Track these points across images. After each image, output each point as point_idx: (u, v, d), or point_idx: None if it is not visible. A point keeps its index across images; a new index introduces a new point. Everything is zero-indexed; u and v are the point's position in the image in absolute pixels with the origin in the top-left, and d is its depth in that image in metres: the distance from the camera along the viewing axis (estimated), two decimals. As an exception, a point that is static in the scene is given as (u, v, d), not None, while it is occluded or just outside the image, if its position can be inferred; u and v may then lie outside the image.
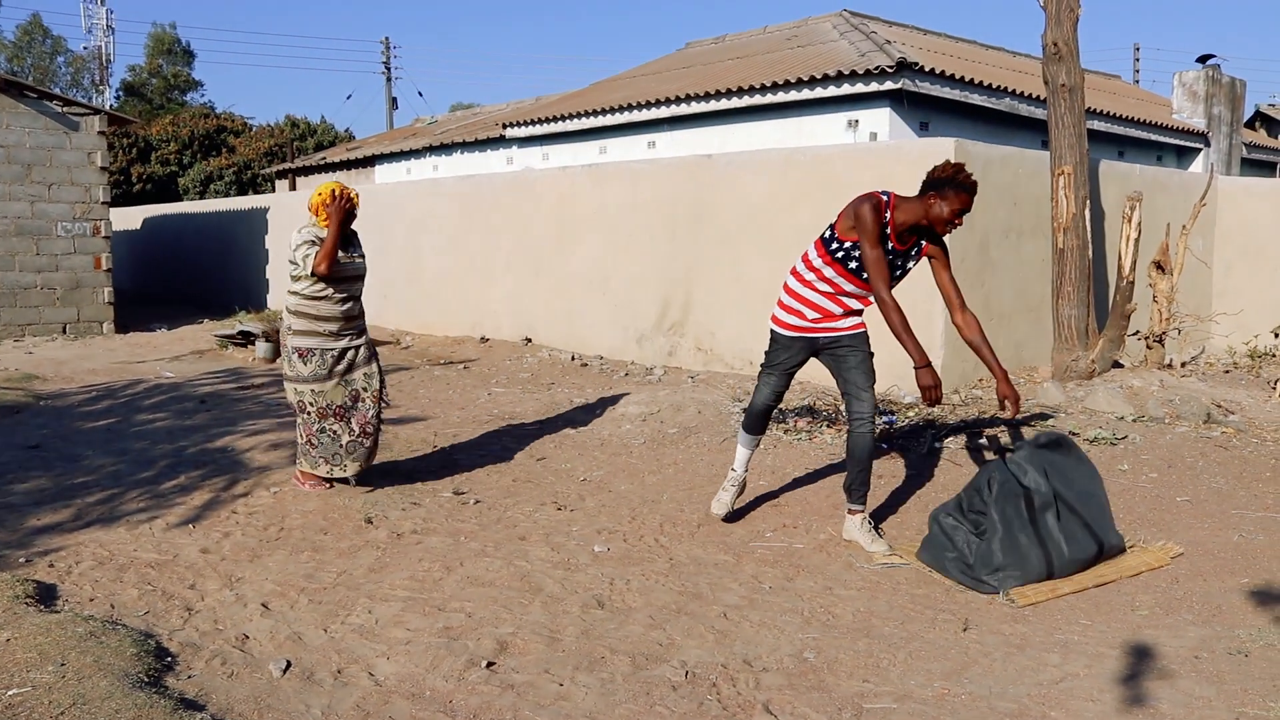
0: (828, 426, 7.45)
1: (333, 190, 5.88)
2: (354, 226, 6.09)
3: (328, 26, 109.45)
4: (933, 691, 3.53)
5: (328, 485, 6.05)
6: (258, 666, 3.73)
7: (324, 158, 27.91)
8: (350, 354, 5.99)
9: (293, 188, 27.96)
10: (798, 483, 6.18)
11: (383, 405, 6.14)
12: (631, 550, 5.05)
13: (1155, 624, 4.14)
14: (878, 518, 5.54)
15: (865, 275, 4.81)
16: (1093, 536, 4.66)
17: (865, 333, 5.06)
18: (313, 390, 5.89)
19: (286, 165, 29.14)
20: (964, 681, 3.60)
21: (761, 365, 5.28)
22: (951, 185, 4.68)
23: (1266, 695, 3.44)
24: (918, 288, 8.44)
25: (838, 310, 4.98)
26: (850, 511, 5.16)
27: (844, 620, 4.17)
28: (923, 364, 4.70)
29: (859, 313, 5.03)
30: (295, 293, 5.90)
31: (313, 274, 5.79)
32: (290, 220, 16.97)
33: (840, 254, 4.86)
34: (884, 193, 4.85)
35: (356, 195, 6.00)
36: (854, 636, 3.99)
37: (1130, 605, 4.35)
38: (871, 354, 5.05)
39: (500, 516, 5.63)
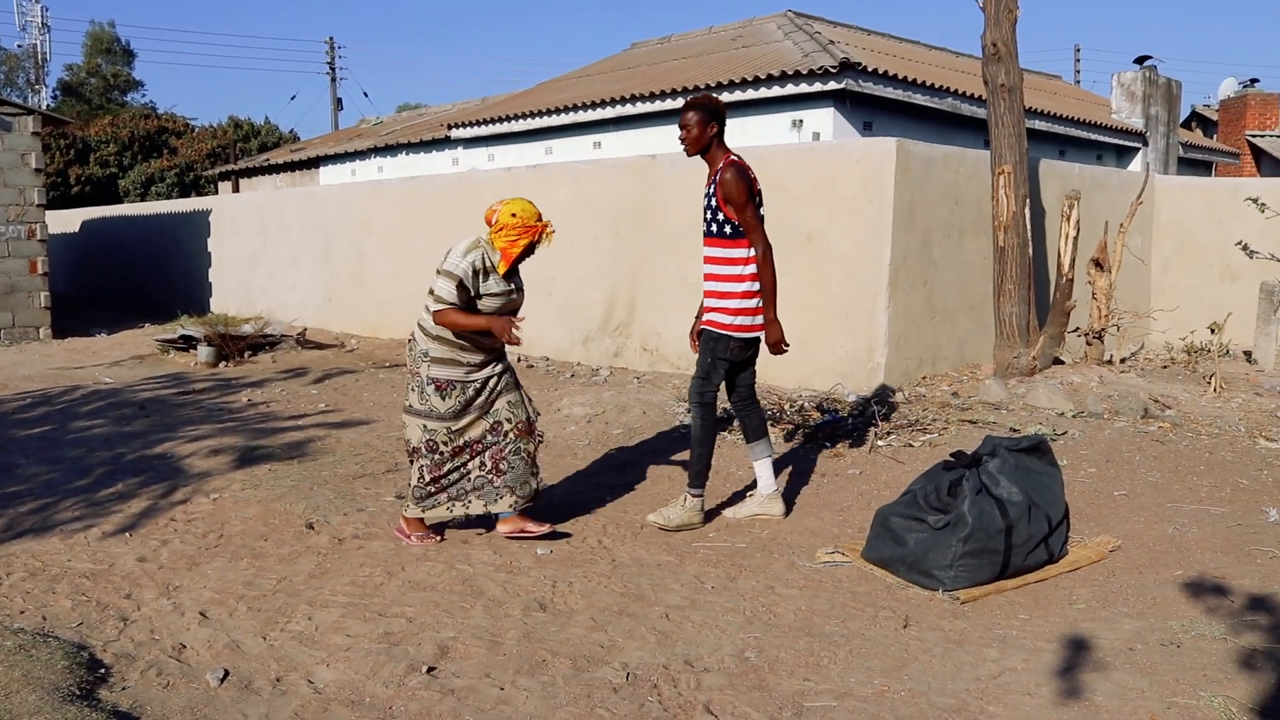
0: (771, 425, 7.47)
1: (538, 216, 5.07)
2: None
3: (271, 26, 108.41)
4: (873, 689, 3.54)
5: (438, 538, 5.24)
6: (195, 676, 3.68)
7: (268, 159, 27.62)
8: (493, 382, 5.11)
9: (236, 189, 27.64)
10: (742, 483, 6.19)
11: (536, 440, 5.24)
12: (574, 552, 5.04)
13: (1092, 617, 4.19)
14: (821, 515, 5.58)
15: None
16: (1047, 548, 4.70)
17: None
18: (448, 429, 5.02)
19: (230, 167, 28.79)
20: (904, 678, 3.62)
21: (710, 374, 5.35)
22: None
23: (1197, 685, 3.50)
24: (861, 287, 8.51)
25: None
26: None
27: (785, 619, 4.18)
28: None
29: None
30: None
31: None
32: (234, 223, 16.79)
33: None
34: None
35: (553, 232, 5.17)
36: (795, 635, 4.00)
37: (1068, 599, 4.40)
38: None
39: (443, 520, 5.59)
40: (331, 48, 43.54)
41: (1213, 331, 9.26)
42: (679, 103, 15.36)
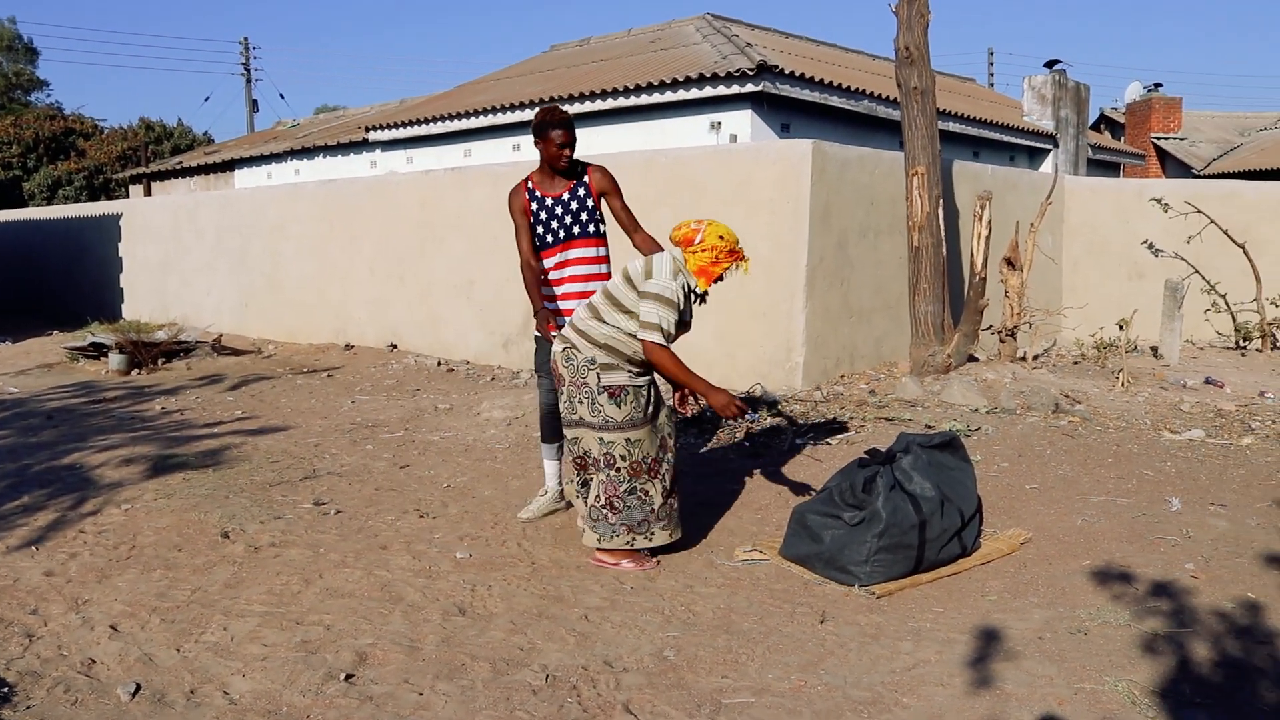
0: (691, 426, 7.51)
1: (738, 242, 4.81)
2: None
3: (184, 26, 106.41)
4: (790, 684, 3.58)
5: (653, 561, 4.87)
6: (105, 691, 3.60)
7: (181, 162, 27.10)
8: (652, 391, 4.83)
9: (148, 193, 27.07)
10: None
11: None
12: (494, 555, 5.02)
13: (1003, 608, 4.28)
14: (740, 514, 5.62)
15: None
16: (960, 542, 4.79)
17: None
18: (627, 439, 4.70)
19: (141, 170, 28.20)
20: (820, 673, 3.67)
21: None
22: (544, 127, 5.25)
23: (1103, 670, 3.59)
24: (779, 287, 8.59)
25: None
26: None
27: (704, 617, 4.21)
28: (538, 309, 5.25)
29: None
30: (615, 325, 4.67)
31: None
32: (146, 227, 16.45)
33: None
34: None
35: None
36: (714, 633, 4.03)
37: (981, 591, 4.49)
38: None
39: (362, 526, 5.54)
40: (246, 48, 42.83)
41: (1121, 328, 9.50)
42: (598, 105, 15.40)
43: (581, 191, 5.42)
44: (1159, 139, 28.48)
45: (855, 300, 9.21)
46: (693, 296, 4.73)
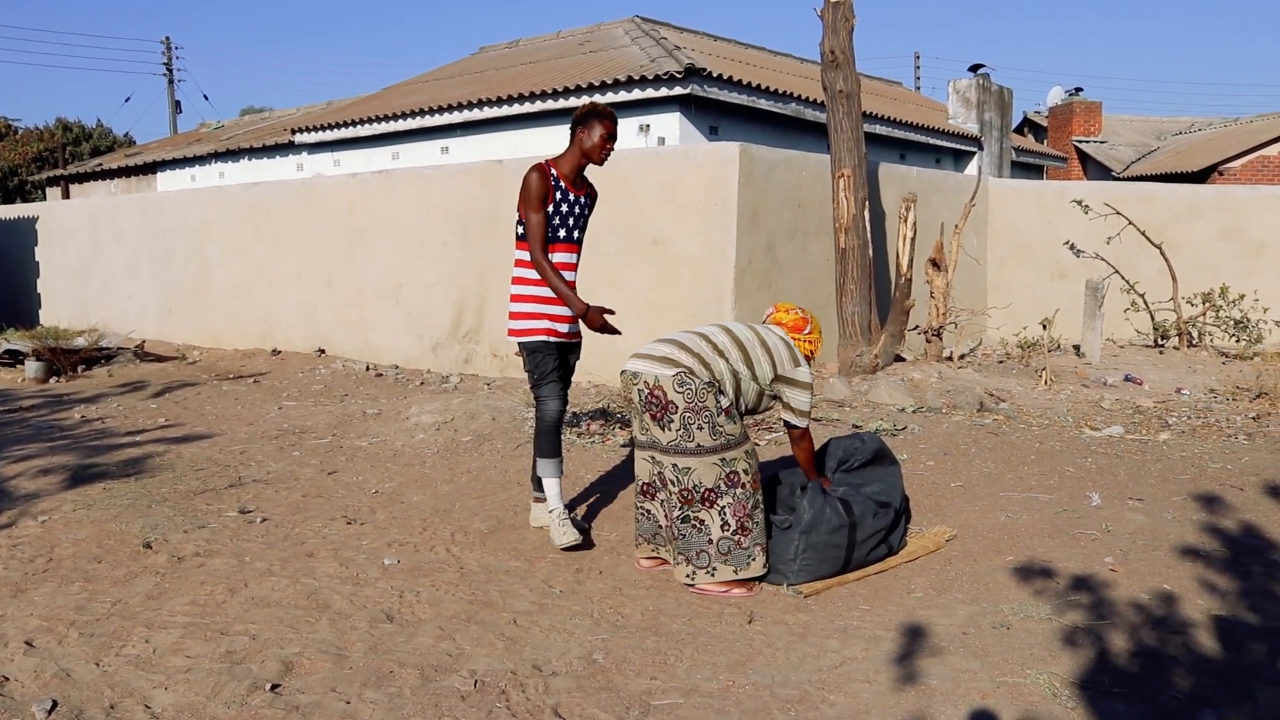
0: (621, 429, 7.52)
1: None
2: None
3: (103, 24, 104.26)
4: (718, 684, 3.60)
5: (758, 586, 4.60)
6: (19, 710, 3.50)
7: (101, 164, 26.52)
8: None
9: (66, 195, 26.44)
10: (592, 487, 6.22)
11: None
12: (422, 561, 4.98)
13: (929, 605, 4.34)
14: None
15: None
16: (887, 542, 4.84)
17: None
18: (746, 452, 4.52)
19: (59, 171, 27.54)
20: (748, 672, 3.69)
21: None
22: (593, 115, 4.99)
23: (1024, 664, 3.66)
24: (708, 288, 8.62)
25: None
26: (537, 500, 5.42)
27: (633, 620, 4.21)
28: (581, 311, 4.90)
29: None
30: (734, 369, 4.57)
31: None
32: (65, 230, 16.10)
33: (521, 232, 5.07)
34: (542, 160, 5.12)
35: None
36: (643, 635, 4.04)
37: (906, 589, 4.55)
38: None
39: (288, 534, 5.46)
40: (169, 48, 42.05)
41: (1044, 327, 9.69)
42: (527, 107, 15.36)
43: (587, 200, 5.17)
44: (1080, 142, 29.07)
45: (784, 300, 9.28)
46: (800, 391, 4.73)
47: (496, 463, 6.88)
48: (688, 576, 4.51)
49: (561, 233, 5.02)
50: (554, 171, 4.99)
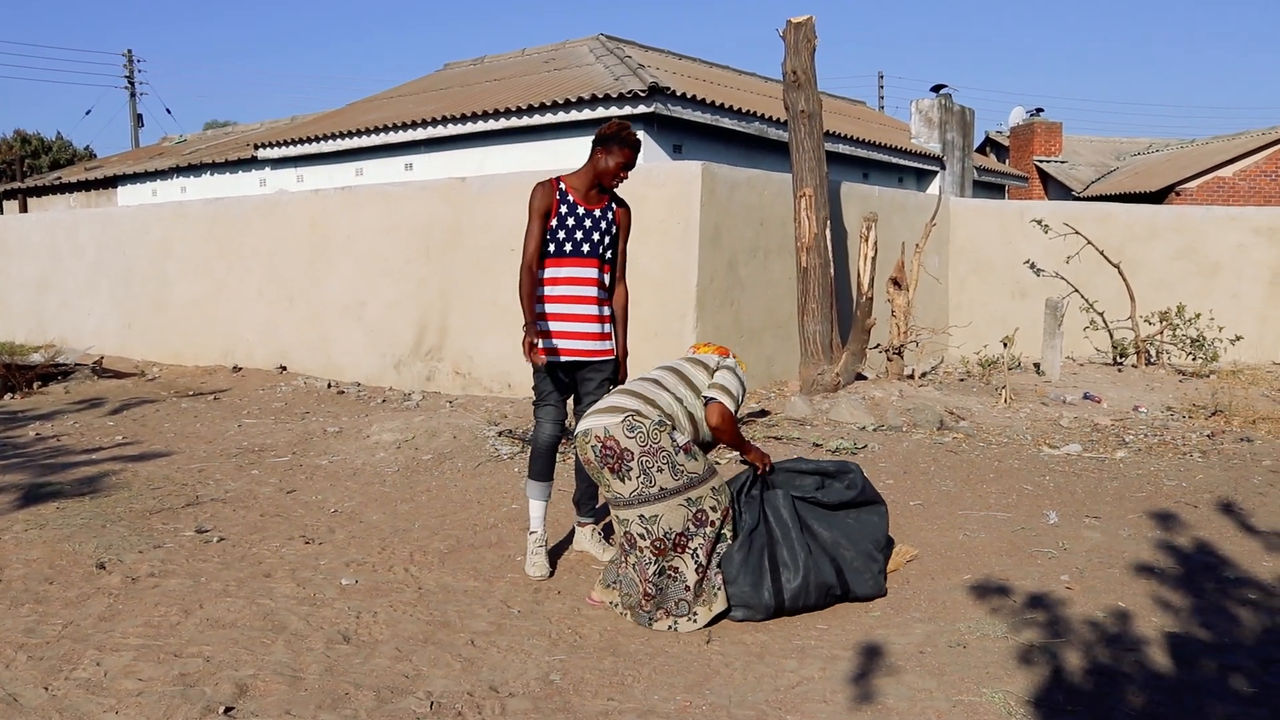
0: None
1: None
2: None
3: (63, 35, 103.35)
4: (675, 705, 3.59)
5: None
6: (-38, 735, 3.45)
7: (60, 177, 26.28)
8: None
9: (23, 209, 26.16)
10: (553, 505, 6.19)
11: None
12: (380, 581, 4.95)
13: (886, 624, 4.35)
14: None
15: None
16: (841, 581, 4.59)
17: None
18: (713, 489, 4.45)
19: (16, 185, 27.25)
20: (705, 693, 3.68)
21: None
22: (616, 141, 4.94)
23: (980, 682, 3.67)
24: (671, 307, 8.64)
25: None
26: (580, 524, 5.37)
27: (591, 640, 4.20)
28: (524, 328, 4.85)
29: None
30: (679, 399, 4.54)
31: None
32: (22, 244, 15.91)
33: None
34: (555, 175, 5.20)
35: None
36: (600, 655, 4.03)
37: (864, 608, 4.56)
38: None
39: (245, 554, 5.41)
40: (130, 60, 41.65)
41: (1004, 345, 9.77)
42: (491, 124, 15.36)
43: (610, 215, 5.11)
44: (1041, 162, 29.42)
45: (746, 320, 9.30)
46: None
47: (457, 481, 6.85)
48: (670, 628, 4.36)
49: (569, 246, 4.98)
50: (563, 185, 5.01)
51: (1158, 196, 24.31)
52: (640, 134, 14.38)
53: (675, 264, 8.66)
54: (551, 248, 4.97)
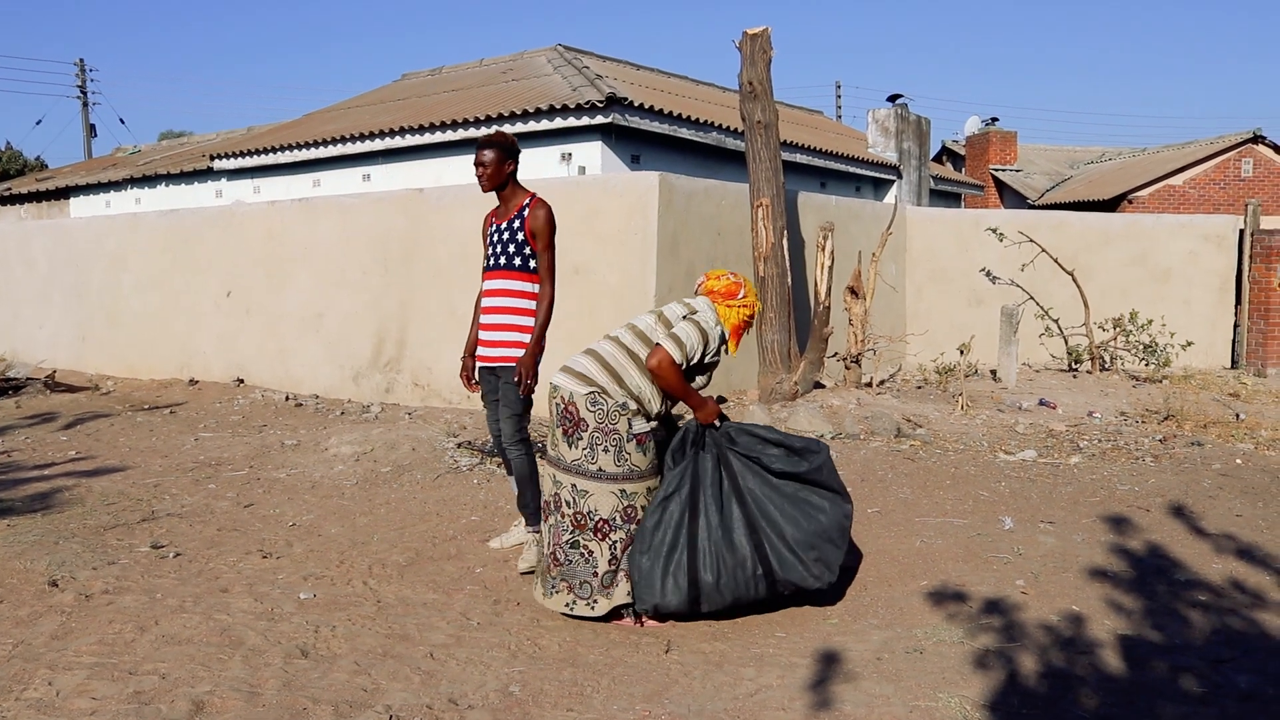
0: (540, 457, 7.49)
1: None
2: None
3: (13, 44, 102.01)
4: (634, 714, 3.60)
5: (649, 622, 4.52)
6: (-90, 757, 3.39)
7: (9, 188, 25.91)
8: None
9: (-26, 223, 25.78)
10: (511, 516, 6.19)
11: None
12: (339, 595, 4.92)
13: (844, 631, 4.38)
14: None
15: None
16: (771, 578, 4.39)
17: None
18: (649, 489, 4.46)
19: (-34, 198, 26.84)
20: (665, 702, 3.69)
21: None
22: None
23: (937, 688, 3.71)
24: (629, 317, 8.65)
25: None
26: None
27: (550, 651, 4.20)
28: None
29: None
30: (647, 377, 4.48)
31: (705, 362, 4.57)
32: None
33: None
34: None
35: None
36: (560, 666, 4.03)
37: (822, 615, 4.59)
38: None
39: (202, 569, 5.36)
40: (82, 69, 41.12)
41: (961, 353, 9.86)
42: (450, 135, 15.31)
43: (516, 224, 5.29)
44: (997, 170, 29.72)
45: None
46: (719, 343, 4.61)
47: (416, 494, 6.82)
48: (567, 606, 4.41)
49: (486, 261, 5.40)
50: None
51: (1111, 205, 24.63)
52: (597, 144, 14.48)
53: (632, 274, 8.68)
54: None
